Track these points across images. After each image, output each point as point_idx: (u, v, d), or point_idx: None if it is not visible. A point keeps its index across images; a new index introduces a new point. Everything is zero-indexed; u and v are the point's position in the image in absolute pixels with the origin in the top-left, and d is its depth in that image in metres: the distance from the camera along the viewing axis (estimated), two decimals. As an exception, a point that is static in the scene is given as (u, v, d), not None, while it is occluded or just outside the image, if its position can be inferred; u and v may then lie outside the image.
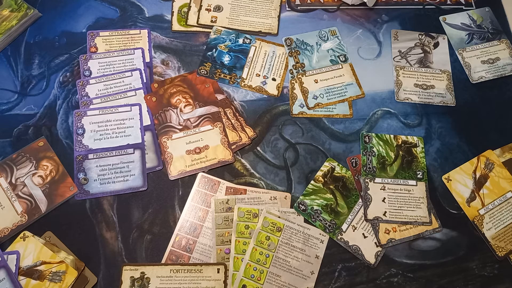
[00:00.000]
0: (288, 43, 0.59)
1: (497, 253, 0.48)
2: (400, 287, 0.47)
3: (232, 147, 0.52)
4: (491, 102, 0.56)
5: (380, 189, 0.50)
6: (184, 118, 0.53)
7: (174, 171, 0.51)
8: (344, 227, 0.48)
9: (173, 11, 0.61)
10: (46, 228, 0.48)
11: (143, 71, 0.55)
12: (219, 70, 0.57)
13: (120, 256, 0.47)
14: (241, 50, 0.58)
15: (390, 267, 0.47)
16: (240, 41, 0.58)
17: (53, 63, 0.57)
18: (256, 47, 0.58)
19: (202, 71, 0.56)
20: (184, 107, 0.54)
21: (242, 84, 0.56)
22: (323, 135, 0.53)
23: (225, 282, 0.46)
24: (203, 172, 0.51)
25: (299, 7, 0.62)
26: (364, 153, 0.52)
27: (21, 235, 0.47)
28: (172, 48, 0.58)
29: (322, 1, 0.62)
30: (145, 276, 0.45)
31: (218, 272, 0.46)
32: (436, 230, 0.49)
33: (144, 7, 0.61)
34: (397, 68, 0.57)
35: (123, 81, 0.55)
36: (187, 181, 0.51)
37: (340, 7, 0.62)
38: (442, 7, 0.62)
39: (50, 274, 0.45)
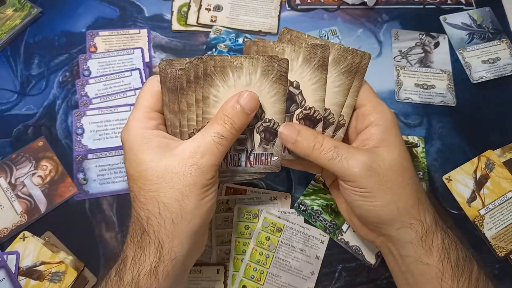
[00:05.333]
0: (288, 42, 0.59)
1: (497, 253, 0.47)
2: (401, 287, 0.46)
3: (232, 147, 0.52)
4: (492, 102, 0.56)
5: (381, 189, 0.50)
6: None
7: (174, 171, 0.51)
8: (344, 227, 0.48)
9: (173, 11, 0.60)
10: (46, 228, 0.48)
11: (142, 71, 0.55)
12: (219, 70, 0.56)
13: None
14: (241, 49, 0.58)
15: (391, 267, 0.47)
16: (240, 40, 0.58)
17: (52, 63, 0.56)
18: (256, 46, 0.58)
19: (202, 71, 0.56)
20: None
21: (242, 84, 0.56)
22: (323, 135, 0.53)
23: (225, 282, 0.46)
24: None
25: (299, 7, 0.62)
26: (364, 153, 0.52)
27: (21, 235, 0.47)
28: (172, 48, 0.58)
29: (323, 1, 0.62)
30: (145, 277, 0.45)
31: (218, 272, 0.46)
32: (436, 230, 0.48)
33: (143, 7, 0.61)
34: (397, 68, 0.57)
35: (122, 81, 0.55)
36: (187, 181, 0.51)
37: (341, 7, 0.62)
38: (443, 6, 0.62)
39: (49, 274, 0.45)
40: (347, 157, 0.35)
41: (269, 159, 0.39)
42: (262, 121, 0.38)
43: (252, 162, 0.39)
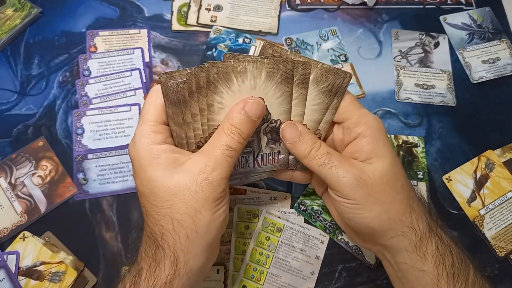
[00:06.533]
0: (288, 42, 0.59)
1: (497, 253, 0.47)
2: (401, 287, 0.46)
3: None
4: (492, 102, 0.56)
5: (381, 189, 0.50)
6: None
7: (174, 171, 0.50)
8: (344, 227, 0.48)
9: (173, 11, 0.60)
10: (46, 228, 0.48)
11: (142, 71, 0.55)
12: (219, 70, 0.56)
13: (120, 256, 0.47)
14: (241, 49, 0.58)
15: (391, 267, 0.47)
16: (240, 40, 0.58)
17: (52, 63, 0.56)
18: (256, 46, 0.58)
19: (202, 71, 0.56)
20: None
21: (242, 84, 0.56)
22: (323, 135, 0.53)
23: (225, 282, 0.46)
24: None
25: (299, 7, 0.62)
26: (364, 153, 0.52)
27: (21, 235, 0.47)
28: (172, 48, 0.58)
29: (323, 1, 0.62)
30: (145, 277, 0.45)
31: (218, 272, 0.46)
32: (436, 230, 0.48)
33: (143, 7, 0.61)
34: (397, 68, 0.57)
35: (122, 81, 0.55)
36: (187, 181, 0.50)
37: (341, 7, 0.62)
38: (443, 7, 0.62)
39: (49, 274, 0.45)
40: (337, 166, 0.35)
41: (276, 158, 0.39)
42: (268, 122, 0.38)
43: (260, 163, 0.39)
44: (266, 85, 0.36)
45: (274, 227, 0.48)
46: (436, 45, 0.59)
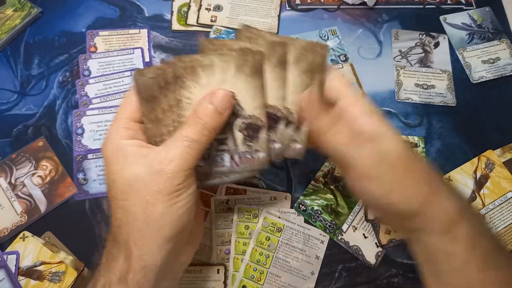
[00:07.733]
0: (288, 42, 0.58)
1: (497, 253, 0.48)
2: (401, 287, 0.46)
3: (232, 147, 0.52)
4: (492, 102, 0.56)
5: (381, 189, 0.50)
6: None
7: (174, 171, 0.50)
8: (344, 227, 0.48)
9: (173, 11, 0.60)
10: (46, 228, 0.48)
11: (142, 71, 0.55)
12: (219, 70, 0.56)
13: (120, 256, 0.47)
14: (241, 49, 0.58)
15: (391, 267, 0.47)
16: (240, 40, 0.58)
17: (52, 63, 0.56)
18: (256, 46, 0.58)
19: (202, 71, 0.56)
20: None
21: (242, 84, 0.56)
22: (323, 135, 0.53)
23: (225, 282, 0.46)
24: (203, 172, 0.51)
25: (299, 7, 0.62)
26: (364, 153, 0.52)
27: (21, 235, 0.47)
28: (172, 48, 0.58)
29: (323, 1, 0.62)
30: (145, 277, 0.45)
31: (218, 272, 0.46)
32: (436, 230, 0.48)
33: (143, 7, 0.61)
34: (397, 68, 0.57)
35: (122, 81, 0.55)
36: (187, 181, 0.50)
37: (341, 7, 0.62)
38: (443, 6, 0.62)
39: (49, 274, 0.45)
40: (360, 145, 0.34)
41: (255, 157, 0.38)
42: (242, 118, 0.36)
43: (237, 162, 0.38)
44: (236, 79, 0.35)
45: (274, 227, 0.48)
46: (436, 45, 0.59)
